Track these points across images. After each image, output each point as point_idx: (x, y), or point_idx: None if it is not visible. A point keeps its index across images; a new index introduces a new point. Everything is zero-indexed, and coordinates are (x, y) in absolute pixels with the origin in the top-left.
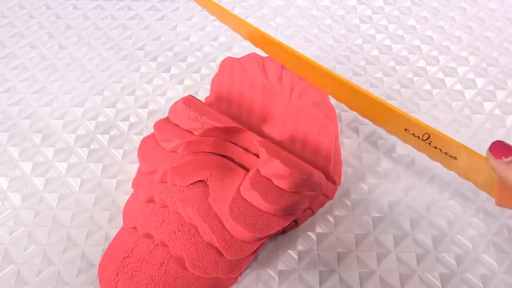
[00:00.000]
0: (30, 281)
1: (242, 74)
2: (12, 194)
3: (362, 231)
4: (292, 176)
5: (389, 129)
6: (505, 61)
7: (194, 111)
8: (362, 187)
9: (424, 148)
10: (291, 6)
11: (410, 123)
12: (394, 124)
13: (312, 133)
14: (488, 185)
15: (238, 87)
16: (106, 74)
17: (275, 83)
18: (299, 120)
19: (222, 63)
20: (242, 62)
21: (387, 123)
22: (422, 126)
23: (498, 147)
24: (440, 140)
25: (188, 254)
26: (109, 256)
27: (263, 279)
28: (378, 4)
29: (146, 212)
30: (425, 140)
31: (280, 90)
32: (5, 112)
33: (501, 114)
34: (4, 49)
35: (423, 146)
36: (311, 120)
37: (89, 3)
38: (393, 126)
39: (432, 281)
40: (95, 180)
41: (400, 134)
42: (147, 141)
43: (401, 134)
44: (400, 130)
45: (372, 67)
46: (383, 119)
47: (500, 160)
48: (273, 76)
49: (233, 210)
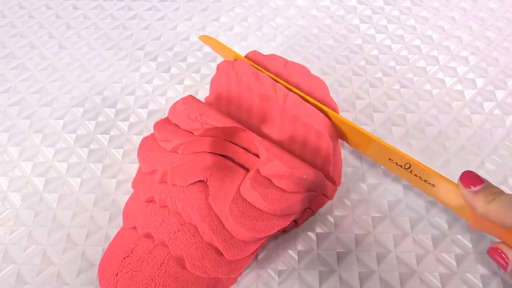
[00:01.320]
0: (30, 281)
1: (238, 77)
2: (12, 194)
3: (362, 231)
4: (292, 176)
5: (375, 158)
6: (505, 61)
7: (194, 111)
8: (362, 187)
9: (407, 176)
10: (291, 6)
11: (394, 154)
12: (380, 154)
13: (310, 137)
14: (463, 210)
15: (236, 89)
16: (106, 74)
17: (270, 91)
18: (296, 125)
19: (218, 66)
20: (236, 68)
21: (373, 153)
22: (404, 156)
23: (468, 177)
24: (420, 169)
25: (188, 254)
26: (109, 256)
27: (263, 279)
28: (378, 4)
29: (146, 212)
30: (406, 169)
31: (275, 98)
32: (5, 112)
33: (501, 114)
34: (4, 49)
35: (406, 174)
36: (307, 128)
37: (89, 3)
38: (378, 156)
39: (432, 281)
40: (95, 180)
41: (385, 163)
42: (147, 141)
43: (386, 163)
44: (385, 159)
45: (372, 67)
46: (370, 150)
47: (468, 190)
48: (267, 84)
49: (233, 210)
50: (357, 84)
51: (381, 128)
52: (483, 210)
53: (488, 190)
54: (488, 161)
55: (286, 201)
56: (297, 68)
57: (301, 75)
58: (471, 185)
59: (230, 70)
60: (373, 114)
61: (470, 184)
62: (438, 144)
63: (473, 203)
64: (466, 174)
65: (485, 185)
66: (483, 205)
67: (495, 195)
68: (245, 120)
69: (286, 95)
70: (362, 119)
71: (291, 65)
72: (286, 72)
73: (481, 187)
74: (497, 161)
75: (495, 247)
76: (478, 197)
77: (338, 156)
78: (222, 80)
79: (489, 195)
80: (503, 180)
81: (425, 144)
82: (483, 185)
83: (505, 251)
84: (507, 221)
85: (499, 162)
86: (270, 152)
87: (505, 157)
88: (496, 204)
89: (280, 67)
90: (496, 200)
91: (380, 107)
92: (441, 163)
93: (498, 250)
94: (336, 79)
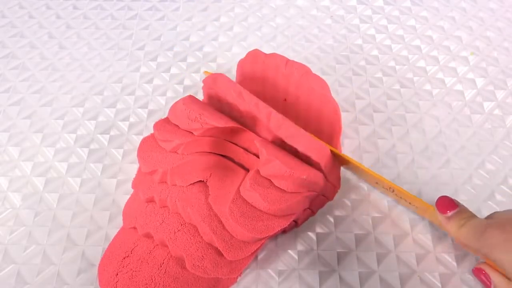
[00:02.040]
0: (30, 281)
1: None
2: (12, 194)
3: (362, 231)
4: (292, 176)
5: (367, 181)
6: (505, 61)
7: (193, 112)
8: (362, 187)
9: (393, 196)
10: (291, 6)
11: (378, 179)
12: (367, 178)
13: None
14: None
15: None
16: (106, 74)
17: (253, 109)
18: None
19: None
20: (218, 85)
21: (362, 176)
22: (386, 182)
23: (443, 202)
24: (403, 194)
25: (188, 254)
26: (109, 256)
27: (263, 279)
28: (378, 4)
29: (146, 212)
30: (392, 192)
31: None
32: (5, 112)
33: (501, 114)
34: (4, 49)
35: (392, 195)
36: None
37: (89, 3)
38: (366, 179)
39: (432, 281)
40: (95, 180)
41: (374, 185)
42: (147, 141)
43: (375, 185)
44: (372, 183)
45: (372, 67)
46: (358, 173)
47: (443, 215)
48: (250, 103)
49: (233, 211)
50: (357, 84)
51: (381, 128)
52: (455, 235)
53: (460, 215)
54: (488, 161)
55: (286, 202)
56: (298, 67)
57: (302, 74)
58: (447, 210)
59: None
60: (373, 114)
61: (446, 209)
62: (438, 144)
63: (446, 227)
64: (441, 199)
65: (458, 210)
66: (455, 230)
67: (466, 220)
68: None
69: (269, 113)
70: (362, 119)
71: (292, 64)
72: (287, 71)
73: (454, 212)
74: (497, 161)
75: (479, 268)
76: (452, 222)
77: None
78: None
79: (460, 220)
80: (503, 180)
81: (425, 144)
82: (456, 210)
83: (488, 272)
84: (473, 246)
85: (499, 162)
86: (270, 153)
87: (505, 157)
88: (466, 229)
89: (281, 66)
90: (466, 225)
91: (380, 107)
92: (441, 163)
93: (482, 271)
94: (336, 79)
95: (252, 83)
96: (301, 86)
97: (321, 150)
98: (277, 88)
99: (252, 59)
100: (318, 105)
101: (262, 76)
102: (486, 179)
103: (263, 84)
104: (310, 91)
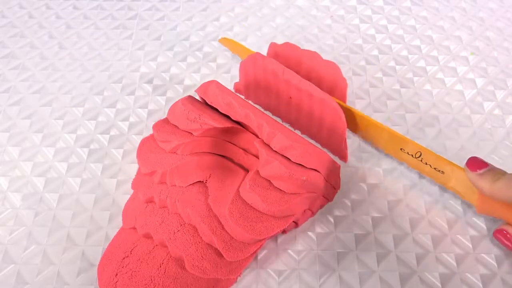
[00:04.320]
0: (30, 281)
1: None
2: (12, 194)
3: (362, 231)
4: (292, 177)
5: (387, 149)
6: (505, 61)
7: (193, 112)
8: (362, 187)
9: (417, 165)
10: (291, 6)
11: (405, 143)
12: (392, 145)
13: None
14: (470, 194)
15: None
16: (106, 74)
17: (243, 120)
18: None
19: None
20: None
21: (384, 144)
22: (415, 145)
23: (474, 161)
24: (430, 157)
25: (188, 254)
26: (108, 256)
27: (263, 279)
28: (378, 4)
29: (145, 213)
30: (417, 157)
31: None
32: (5, 112)
33: (501, 114)
34: (4, 49)
35: (416, 163)
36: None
37: (89, 3)
38: (390, 146)
39: (432, 281)
40: (95, 180)
41: (397, 153)
42: (146, 142)
43: (397, 153)
44: (397, 149)
45: (372, 67)
46: (382, 141)
47: (474, 173)
48: (241, 114)
49: (232, 212)
50: (357, 84)
51: None
52: (489, 190)
53: (493, 172)
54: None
55: (285, 203)
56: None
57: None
58: (477, 169)
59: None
60: (373, 114)
61: (476, 167)
62: (438, 144)
63: (479, 184)
64: (471, 159)
65: (489, 168)
66: (489, 185)
67: (499, 175)
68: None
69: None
70: None
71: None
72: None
73: (486, 169)
74: (497, 161)
75: (501, 229)
76: (484, 178)
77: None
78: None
79: (494, 175)
80: None
81: (425, 144)
82: (488, 168)
83: (510, 232)
84: (509, 198)
85: (499, 162)
86: (270, 154)
87: (505, 157)
88: (501, 183)
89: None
90: (501, 179)
91: (380, 107)
92: None
93: (504, 231)
94: None
95: None
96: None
97: (318, 157)
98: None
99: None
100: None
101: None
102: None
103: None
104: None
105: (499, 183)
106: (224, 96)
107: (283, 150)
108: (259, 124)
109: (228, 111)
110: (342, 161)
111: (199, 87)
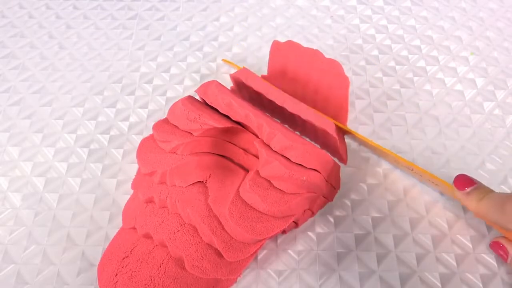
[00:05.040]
0: (30, 281)
1: None
2: (12, 194)
3: (362, 231)
4: (292, 177)
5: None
6: (505, 61)
7: (193, 112)
8: (362, 187)
9: (414, 174)
10: (291, 6)
11: (399, 161)
12: (386, 158)
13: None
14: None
15: None
16: (106, 74)
17: (243, 120)
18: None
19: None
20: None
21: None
22: (406, 162)
23: (461, 180)
24: (421, 172)
25: (188, 254)
26: (108, 256)
27: (263, 279)
28: (378, 4)
29: (145, 213)
30: (411, 170)
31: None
32: (5, 112)
33: (501, 114)
34: (4, 49)
35: (412, 173)
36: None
37: (89, 3)
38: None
39: (432, 281)
40: (95, 180)
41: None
42: (146, 142)
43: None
44: (392, 161)
45: (372, 67)
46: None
47: (462, 192)
48: (241, 114)
49: (232, 212)
50: (357, 84)
51: (381, 128)
52: (475, 209)
53: (479, 190)
54: (488, 161)
55: (285, 203)
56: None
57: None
58: (465, 187)
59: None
60: (373, 114)
61: (464, 186)
62: (438, 144)
63: (466, 203)
64: (459, 177)
65: (476, 186)
66: (475, 204)
67: (484, 194)
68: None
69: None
70: (362, 119)
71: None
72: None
73: (473, 188)
74: (497, 161)
75: (496, 241)
76: (471, 197)
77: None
78: None
79: (479, 194)
80: (503, 180)
81: (425, 144)
82: (475, 186)
83: (505, 245)
84: (492, 218)
85: (499, 162)
86: (270, 154)
87: (505, 157)
88: (485, 202)
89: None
90: (485, 198)
91: (380, 107)
92: (441, 163)
93: (500, 244)
94: None
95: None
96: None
97: (319, 157)
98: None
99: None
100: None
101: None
102: (486, 179)
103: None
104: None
105: (483, 202)
106: (224, 97)
107: (283, 150)
108: (259, 124)
109: (228, 111)
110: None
111: (199, 87)
